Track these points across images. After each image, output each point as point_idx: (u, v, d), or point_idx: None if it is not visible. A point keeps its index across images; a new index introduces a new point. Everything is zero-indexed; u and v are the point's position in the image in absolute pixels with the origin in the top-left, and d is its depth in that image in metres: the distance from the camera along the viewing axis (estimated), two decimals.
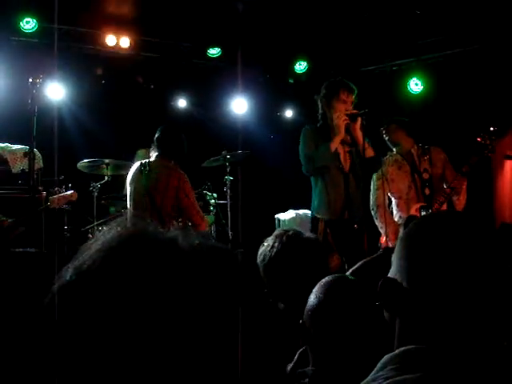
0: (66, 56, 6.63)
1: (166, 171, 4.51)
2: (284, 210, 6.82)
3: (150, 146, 6.60)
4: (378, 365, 0.94)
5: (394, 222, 4.62)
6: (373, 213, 4.64)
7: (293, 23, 6.67)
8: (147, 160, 4.61)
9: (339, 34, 6.92)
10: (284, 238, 2.24)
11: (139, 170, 4.57)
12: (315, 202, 4.33)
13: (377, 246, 4.70)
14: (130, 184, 4.65)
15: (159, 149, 4.62)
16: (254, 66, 7.60)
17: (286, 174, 7.55)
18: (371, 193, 4.67)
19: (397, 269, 1.03)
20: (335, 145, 4.20)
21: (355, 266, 1.56)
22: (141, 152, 6.73)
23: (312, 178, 4.39)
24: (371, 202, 4.66)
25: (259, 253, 2.28)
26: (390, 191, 4.70)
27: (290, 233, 2.27)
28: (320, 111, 4.40)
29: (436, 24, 6.44)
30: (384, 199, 4.55)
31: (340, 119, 4.18)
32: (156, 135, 4.63)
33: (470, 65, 6.52)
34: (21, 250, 3.75)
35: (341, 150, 4.27)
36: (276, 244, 2.23)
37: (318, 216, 4.26)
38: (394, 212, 4.73)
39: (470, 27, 6.35)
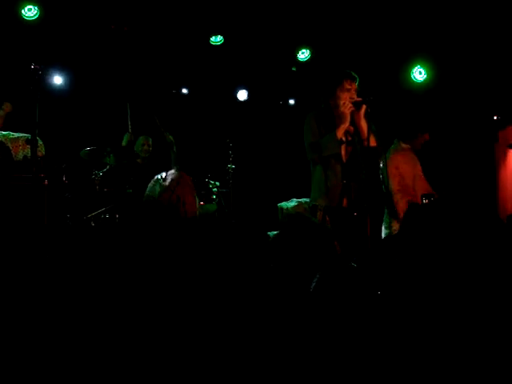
0: (68, 43, 6.61)
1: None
2: (287, 199, 6.81)
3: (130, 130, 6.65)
4: None
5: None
6: (394, 198, 4.72)
7: (296, 11, 6.63)
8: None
9: (342, 21, 6.88)
10: (287, 219, 2.29)
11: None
12: (314, 189, 4.31)
13: (380, 234, 4.69)
14: None
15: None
16: (257, 54, 7.56)
17: (289, 162, 7.54)
18: (389, 180, 4.67)
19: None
20: (341, 133, 4.18)
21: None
22: (126, 136, 6.71)
23: (311, 166, 4.36)
24: (391, 187, 4.71)
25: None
26: (403, 180, 4.78)
27: (294, 215, 2.32)
28: (323, 104, 4.37)
29: (440, 12, 6.39)
30: (404, 184, 4.74)
31: (346, 107, 4.16)
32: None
33: (475, 54, 6.48)
34: None
35: (342, 139, 4.25)
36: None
37: (317, 204, 4.22)
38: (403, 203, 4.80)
39: (474, 16, 6.30)
